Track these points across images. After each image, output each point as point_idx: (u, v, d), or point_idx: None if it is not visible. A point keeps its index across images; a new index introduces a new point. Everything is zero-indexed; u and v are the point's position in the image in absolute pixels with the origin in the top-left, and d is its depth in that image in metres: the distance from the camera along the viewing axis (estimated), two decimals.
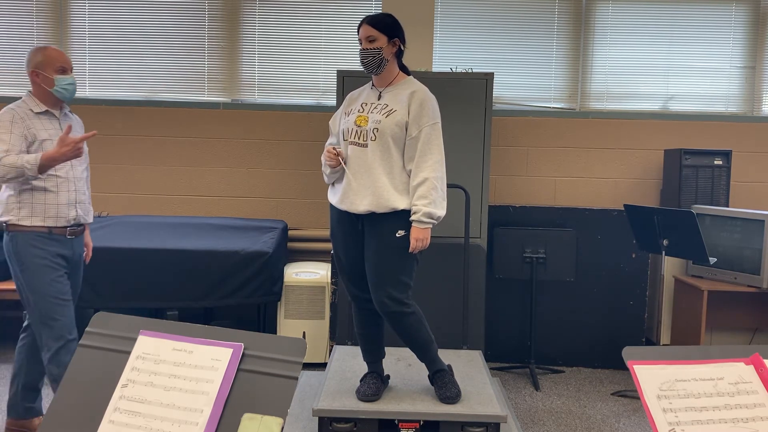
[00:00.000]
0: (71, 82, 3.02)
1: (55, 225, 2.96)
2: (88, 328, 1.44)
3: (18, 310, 4.86)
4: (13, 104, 2.96)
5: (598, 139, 5.04)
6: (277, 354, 1.33)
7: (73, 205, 3.02)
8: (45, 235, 2.95)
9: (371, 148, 2.76)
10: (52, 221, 2.96)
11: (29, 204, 2.93)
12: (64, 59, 3.01)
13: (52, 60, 2.97)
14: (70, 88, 3.01)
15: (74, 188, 3.03)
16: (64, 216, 2.98)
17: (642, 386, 1.30)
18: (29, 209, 2.93)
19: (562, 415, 3.78)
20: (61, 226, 2.99)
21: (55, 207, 2.96)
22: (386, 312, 2.79)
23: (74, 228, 3.05)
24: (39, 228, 2.94)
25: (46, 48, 3.00)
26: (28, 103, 2.98)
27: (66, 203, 2.99)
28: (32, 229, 2.93)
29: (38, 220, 2.93)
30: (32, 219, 2.93)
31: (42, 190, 2.93)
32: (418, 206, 2.73)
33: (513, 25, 5.03)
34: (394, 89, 2.84)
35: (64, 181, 2.99)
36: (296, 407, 3.29)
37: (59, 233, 2.99)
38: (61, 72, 2.99)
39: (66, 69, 3.00)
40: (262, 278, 4.30)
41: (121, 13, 5.02)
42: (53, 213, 2.96)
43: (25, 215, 2.92)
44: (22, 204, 2.92)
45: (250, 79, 5.08)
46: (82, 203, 3.07)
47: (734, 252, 4.26)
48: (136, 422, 1.28)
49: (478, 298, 4.14)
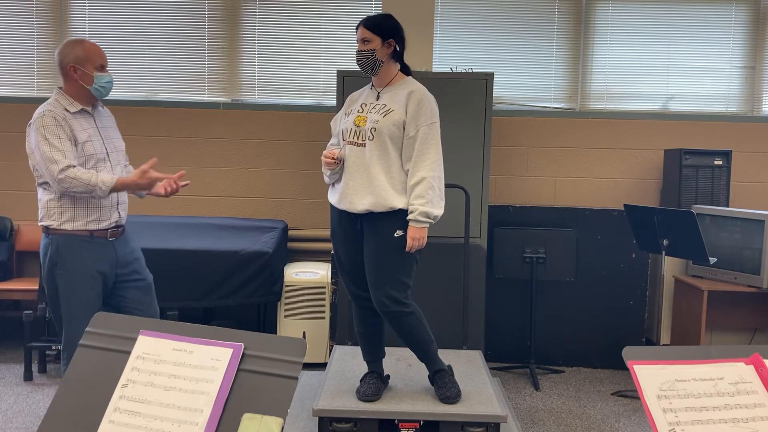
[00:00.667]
0: (110, 80, 2.85)
1: (97, 228, 2.84)
2: (88, 328, 1.44)
3: (18, 310, 4.86)
4: (48, 105, 2.79)
5: (598, 139, 5.04)
6: (277, 354, 1.33)
7: (115, 207, 2.90)
8: (86, 239, 2.81)
9: (369, 147, 2.77)
10: (95, 224, 2.83)
11: (71, 208, 2.80)
12: (104, 55, 2.85)
13: (93, 55, 2.80)
14: (108, 87, 2.84)
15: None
16: (106, 219, 2.86)
17: (642, 386, 1.30)
18: (71, 213, 2.80)
19: (562, 415, 3.78)
20: (103, 228, 2.85)
21: (98, 210, 2.84)
22: (385, 312, 2.80)
23: (115, 229, 2.92)
24: (80, 232, 2.81)
25: (84, 42, 2.83)
26: (61, 102, 2.81)
27: (108, 206, 2.87)
28: (73, 233, 2.80)
29: (80, 224, 2.81)
30: (74, 223, 2.80)
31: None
32: (415, 205, 2.73)
33: (513, 25, 5.03)
34: (392, 89, 2.85)
35: None
36: (296, 407, 3.29)
37: (100, 236, 2.85)
38: (101, 69, 2.82)
39: (105, 66, 2.84)
40: (262, 278, 4.30)
41: (121, 13, 5.02)
42: (96, 216, 2.83)
43: (67, 219, 2.80)
44: (63, 208, 2.80)
45: (250, 79, 5.08)
46: (123, 204, 2.96)
47: (734, 252, 4.26)
48: (136, 422, 1.28)
49: (478, 298, 4.14)
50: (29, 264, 4.99)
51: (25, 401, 3.79)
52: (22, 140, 5.00)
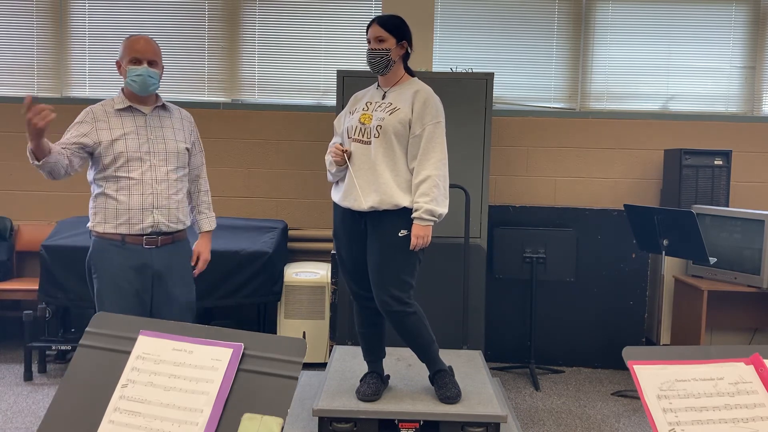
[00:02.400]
0: (140, 72, 2.68)
1: (127, 232, 2.69)
2: (88, 328, 1.44)
3: (18, 310, 4.86)
4: (100, 102, 2.76)
5: (598, 139, 5.04)
6: (277, 354, 1.33)
7: (149, 210, 2.71)
8: (118, 244, 2.70)
9: (374, 145, 2.77)
10: (125, 228, 2.69)
11: (102, 209, 2.71)
12: (140, 49, 2.70)
13: (128, 49, 2.71)
14: (138, 80, 2.69)
15: (151, 191, 2.72)
16: (137, 223, 2.70)
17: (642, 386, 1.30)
18: (103, 215, 2.71)
19: (562, 415, 3.78)
20: (135, 233, 2.70)
21: (127, 212, 2.69)
22: (388, 311, 2.79)
23: (152, 237, 2.73)
24: (112, 236, 2.70)
25: (131, 37, 2.75)
26: (114, 99, 2.76)
27: (139, 208, 2.70)
28: (105, 236, 2.70)
29: (110, 226, 2.70)
30: (105, 225, 2.71)
31: (113, 195, 2.70)
32: (420, 203, 2.73)
33: (513, 25, 5.03)
34: (398, 89, 2.86)
35: (138, 183, 2.70)
36: (296, 407, 3.29)
37: (134, 242, 2.71)
38: (134, 62, 2.69)
39: (140, 60, 2.69)
40: (262, 278, 4.30)
41: (121, 13, 5.02)
42: (124, 219, 2.69)
43: (99, 221, 2.71)
44: (97, 209, 2.72)
45: (250, 79, 5.08)
46: (163, 208, 2.74)
47: (734, 252, 4.26)
48: (136, 422, 1.28)
49: (478, 298, 4.14)
50: (29, 264, 4.99)
51: (25, 401, 3.79)
52: (23, 140, 5.00)
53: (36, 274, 4.89)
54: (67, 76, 5.05)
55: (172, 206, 2.78)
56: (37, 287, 4.35)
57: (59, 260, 4.19)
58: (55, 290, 4.21)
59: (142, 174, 2.71)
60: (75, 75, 5.05)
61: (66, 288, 4.20)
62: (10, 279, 4.82)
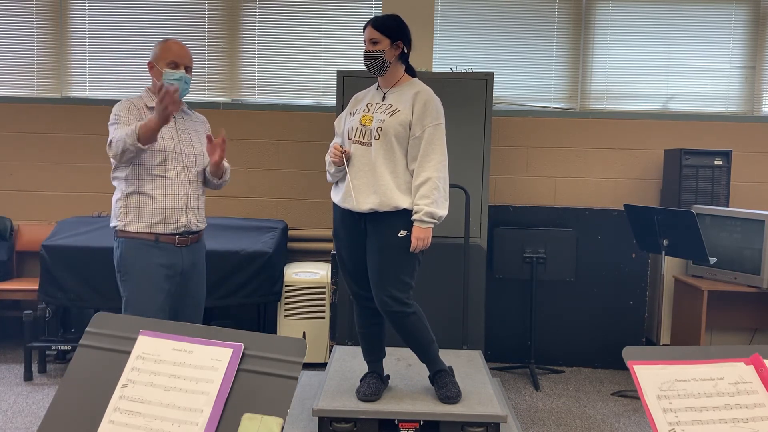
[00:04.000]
0: (178, 77, 2.73)
1: (162, 232, 2.72)
2: (88, 328, 1.44)
3: (18, 310, 4.86)
4: (132, 97, 2.79)
5: (598, 139, 5.04)
6: (277, 354, 1.33)
7: (183, 210, 2.76)
8: (151, 244, 2.71)
9: (375, 147, 2.77)
10: (160, 227, 2.72)
11: (136, 209, 2.71)
12: (179, 54, 2.76)
13: (166, 52, 2.75)
14: (176, 84, 2.72)
15: (185, 191, 2.78)
16: (173, 222, 2.74)
17: (642, 386, 1.30)
18: (135, 214, 2.71)
19: (562, 415, 3.78)
20: (170, 233, 2.74)
21: (162, 211, 2.72)
22: (388, 311, 2.80)
23: (184, 236, 2.79)
24: (145, 235, 2.71)
25: (167, 40, 2.79)
26: (144, 97, 2.80)
27: (174, 208, 2.74)
28: (138, 236, 2.71)
29: (144, 226, 2.71)
30: (138, 225, 2.71)
31: (148, 194, 2.71)
32: (420, 206, 2.73)
33: (513, 25, 5.03)
34: (398, 90, 2.86)
35: (173, 183, 2.75)
36: (296, 407, 3.29)
37: (167, 241, 2.74)
38: (172, 66, 2.74)
39: (178, 64, 2.75)
40: (262, 278, 4.30)
41: (121, 13, 5.02)
42: (160, 218, 2.72)
43: (132, 220, 2.71)
44: (128, 209, 2.72)
45: (250, 79, 5.08)
46: (194, 209, 2.82)
47: (734, 252, 4.26)
48: (136, 422, 1.28)
49: (478, 298, 4.14)
50: (29, 264, 4.99)
51: (25, 401, 3.79)
52: (23, 140, 5.01)
53: (36, 274, 4.89)
54: (67, 76, 5.05)
55: (201, 206, 2.87)
56: (37, 287, 4.35)
57: (59, 260, 4.19)
58: (55, 290, 4.21)
59: (177, 174, 2.75)
60: (75, 75, 5.05)
61: (66, 288, 4.20)
62: (10, 279, 4.82)
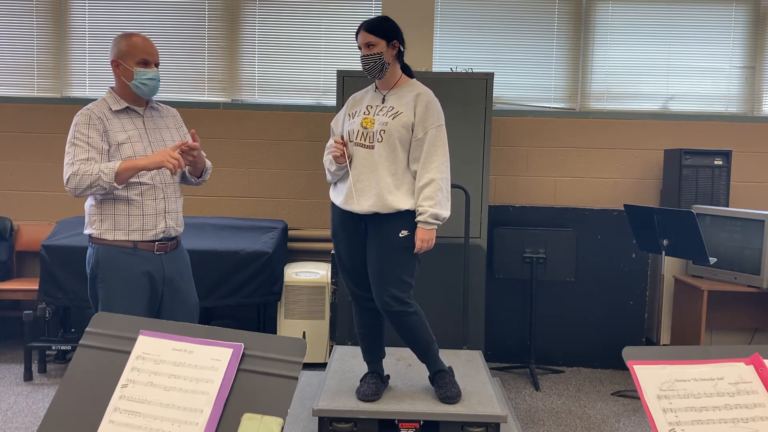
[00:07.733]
0: (152, 76, 2.60)
1: (141, 239, 2.59)
2: (88, 328, 1.44)
3: (18, 310, 4.86)
4: (91, 104, 2.62)
5: (598, 139, 5.04)
6: (277, 354, 1.33)
7: (162, 215, 2.63)
8: (130, 251, 2.58)
9: (378, 149, 2.77)
10: (138, 235, 2.58)
11: (111, 216, 2.57)
12: (149, 50, 2.60)
13: (135, 49, 2.57)
14: (150, 84, 2.61)
15: (162, 195, 2.64)
16: (151, 228, 2.61)
17: (642, 386, 1.30)
18: (111, 222, 2.57)
19: (562, 415, 3.78)
20: (148, 240, 2.60)
21: (140, 218, 2.59)
22: (388, 311, 2.80)
23: (163, 243, 2.65)
24: (123, 243, 2.57)
25: (131, 35, 2.61)
26: (107, 100, 2.64)
27: (153, 213, 2.61)
28: (115, 244, 2.57)
29: (122, 234, 2.57)
30: (115, 233, 2.57)
31: (124, 200, 2.57)
32: (425, 207, 2.73)
33: (513, 25, 5.03)
34: (398, 92, 2.86)
35: (150, 188, 2.60)
36: (296, 407, 3.29)
37: (145, 248, 2.61)
38: (143, 64, 2.59)
39: (149, 62, 2.59)
40: (262, 278, 4.30)
41: (121, 13, 5.02)
42: (138, 225, 2.59)
43: (107, 228, 2.57)
44: (103, 216, 2.57)
45: (250, 79, 5.08)
46: (172, 212, 2.68)
47: (734, 252, 4.26)
48: (136, 422, 1.28)
49: (478, 298, 4.14)
50: (29, 264, 4.99)
51: (25, 401, 3.78)
52: (23, 140, 5.01)
53: (36, 274, 4.89)
54: (67, 76, 5.05)
55: (179, 209, 2.74)
56: (37, 287, 4.35)
57: (59, 260, 4.19)
58: (54, 290, 4.21)
59: (152, 177, 2.61)
60: (75, 75, 5.05)
61: (66, 288, 4.20)
62: (10, 279, 4.82)
